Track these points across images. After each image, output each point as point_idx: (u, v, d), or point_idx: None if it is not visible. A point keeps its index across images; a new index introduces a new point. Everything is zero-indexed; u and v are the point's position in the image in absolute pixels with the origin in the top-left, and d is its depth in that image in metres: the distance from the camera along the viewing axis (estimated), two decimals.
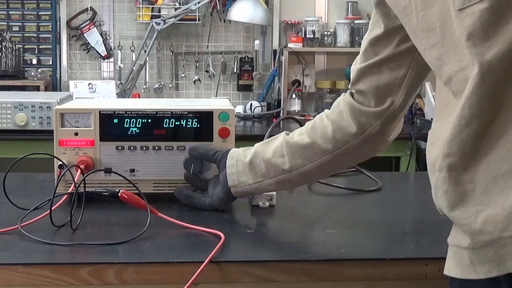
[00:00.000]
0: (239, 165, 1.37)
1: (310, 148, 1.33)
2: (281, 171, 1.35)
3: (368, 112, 1.28)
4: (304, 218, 1.43)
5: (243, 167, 1.37)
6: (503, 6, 0.88)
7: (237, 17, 3.73)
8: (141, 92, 3.90)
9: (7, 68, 3.71)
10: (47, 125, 2.99)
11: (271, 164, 1.35)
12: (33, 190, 1.68)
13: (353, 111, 1.30)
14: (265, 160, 1.36)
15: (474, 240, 0.92)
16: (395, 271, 1.17)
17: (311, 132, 1.34)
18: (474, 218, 0.92)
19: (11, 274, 1.11)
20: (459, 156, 0.93)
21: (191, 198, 1.45)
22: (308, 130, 1.35)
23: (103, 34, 3.89)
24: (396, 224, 1.41)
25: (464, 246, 0.94)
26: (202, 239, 1.25)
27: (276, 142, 1.38)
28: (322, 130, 1.33)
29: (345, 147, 1.31)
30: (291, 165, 1.34)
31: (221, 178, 1.40)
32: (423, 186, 1.95)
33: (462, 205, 0.94)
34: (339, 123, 1.32)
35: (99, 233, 1.29)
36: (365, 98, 1.28)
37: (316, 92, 3.97)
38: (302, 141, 1.34)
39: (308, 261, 1.16)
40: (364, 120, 1.28)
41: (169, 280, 1.13)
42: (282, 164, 1.34)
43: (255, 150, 1.38)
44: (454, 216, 0.95)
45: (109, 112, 1.50)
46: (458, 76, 0.94)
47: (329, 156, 1.32)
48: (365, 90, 1.28)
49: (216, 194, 1.41)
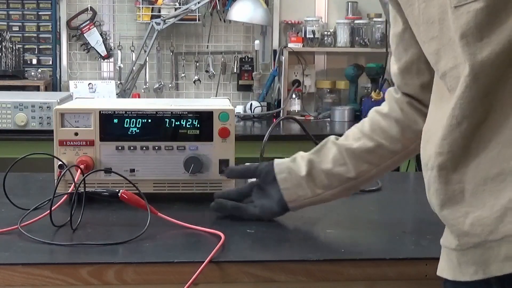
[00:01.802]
0: (294, 179, 1.33)
1: (375, 152, 1.29)
2: (345, 179, 1.31)
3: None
4: (304, 218, 1.43)
5: (299, 181, 1.32)
6: (499, 6, 0.87)
7: (237, 17, 3.73)
8: (141, 92, 3.90)
9: (7, 68, 3.71)
10: (47, 125, 2.99)
11: (334, 175, 1.31)
12: (33, 190, 1.68)
13: (415, 107, 1.26)
14: (325, 171, 1.31)
15: (462, 241, 0.92)
16: (395, 271, 1.17)
17: (373, 135, 1.30)
18: (462, 219, 0.91)
19: (11, 274, 1.11)
20: (450, 156, 0.92)
21: (239, 209, 1.39)
22: (368, 133, 1.30)
23: (103, 34, 3.89)
24: (396, 224, 1.41)
25: (452, 247, 0.94)
26: (202, 239, 1.25)
27: (332, 150, 1.32)
28: (386, 131, 1.29)
29: (415, 144, 1.27)
30: (357, 172, 1.30)
31: (273, 192, 1.35)
32: (423, 186, 1.95)
33: (452, 205, 0.93)
34: (405, 121, 1.28)
35: (99, 233, 1.29)
36: (419, 96, 1.25)
37: (316, 92, 3.97)
38: (365, 146, 1.30)
39: (308, 261, 1.16)
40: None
41: (169, 280, 1.13)
42: (346, 172, 1.30)
43: (308, 161, 1.33)
44: (443, 216, 0.95)
45: (109, 112, 1.50)
46: (452, 73, 0.94)
47: (397, 157, 1.30)
48: (413, 91, 1.25)
49: (268, 207, 1.36)
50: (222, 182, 1.52)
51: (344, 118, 3.69)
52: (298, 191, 1.33)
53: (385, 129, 1.29)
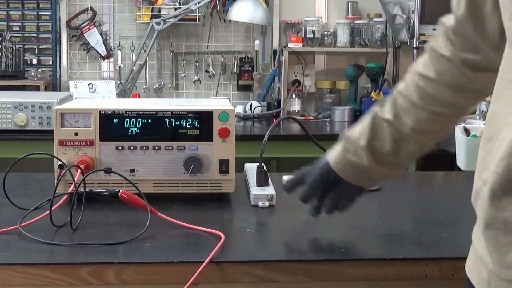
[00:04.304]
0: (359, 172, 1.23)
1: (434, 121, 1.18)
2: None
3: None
4: (304, 218, 1.43)
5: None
6: None
7: (237, 17, 3.73)
8: (141, 92, 3.90)
9: (7, 68, 3.70)
10: (47, 125, 2.99)
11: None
12: (33, 190, 1.68)
13: (471, 65, 1.12)
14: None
15: (500, 269, 0.86)
16: (395, 271, 1.17)
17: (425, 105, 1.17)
18: (505, 250, 0.85)
19: (11, 274, 1.11)
20: (501, 180, 0.84)
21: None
22: (419, 104, 1.17)
23: (103, 34, 3.89)
24: (396, 224, 1.41)
25: (489, 267, 0.88)
26: (202, 239, 1.25)
27: (387, 131, 1.20)
28: (438, 98, 1.16)
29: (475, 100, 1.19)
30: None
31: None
32: (423, 186, 1.96)
33: (496, 230, 0.86)
34: (457, 84, 1.15)
35: (99, 233, 1.29)
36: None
37: (316, 92, 3.97)
38: (421, 118, 1.17)
39: (308, 261, 1.16)
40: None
41: (169, 280, 1.13)
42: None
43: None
44: (486, 236, 0.89)
45: (109, 112, 1.50)
46: None
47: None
48: (471, 45, 1.10)
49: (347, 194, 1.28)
50: (222, 182, 1.52)
51: (344, 118, 3.69)
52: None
53: (436, 96, 1.16)
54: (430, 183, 1.92)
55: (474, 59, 1.11)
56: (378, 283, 1.18)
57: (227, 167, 1.51)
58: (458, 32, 1.10)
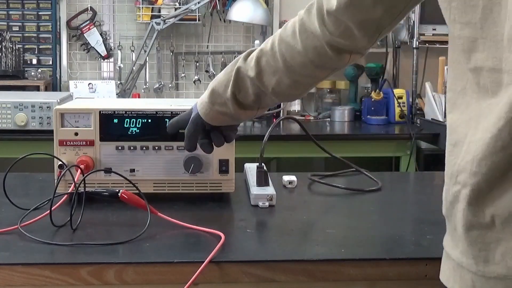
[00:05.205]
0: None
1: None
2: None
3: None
4: (304, 218, 1.43)
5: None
6: None
7: (237, 17, 3.73)
8: (141, 92, 3.90)
9: (7, 68, 3.70)
10: (47, 125, 2.99)
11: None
12: (33, 190, 1.68)
13: (336, 48, 1.18)
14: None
15: (487, 268, 0.86)
16: (395, 271, 1.17)
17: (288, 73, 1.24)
18: (494, 246, 0.85)
19: (11, 274, 1.11)
20: (486, 178, 0.84)
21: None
22: (283, 69, 1.23)
23: (103, 34, 3.89)
24: (396, 224, 1.41)
25: (472, 270, 0.88)
26: (202, 239, 1.25)
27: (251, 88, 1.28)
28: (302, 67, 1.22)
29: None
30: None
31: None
32: (423, 186, 1.96)
33: (482, 228, 0.86)
34: (320, 62, 1.21)
35: (99, 233, 1.29)
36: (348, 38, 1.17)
37: (316, 92, 3.97)
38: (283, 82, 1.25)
39: (308, 261, 1.16)
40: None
41: (169, 280, 1.13)
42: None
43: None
44: (471, 236, 0.88)
45: (109, 112, 1.50)
46: (491, 74, 0.84)
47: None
48: (345, 31, 1.15)
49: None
50: (222, 182, 1.52)
51: (344, 118, 3.69)
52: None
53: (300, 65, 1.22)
54: (430, 183, 1.92)
55: (343, 43, 1.17)
56: (378, 283, 1.18)
57: (227, 167, 1.51)
58: (336, 17, 1.13)
